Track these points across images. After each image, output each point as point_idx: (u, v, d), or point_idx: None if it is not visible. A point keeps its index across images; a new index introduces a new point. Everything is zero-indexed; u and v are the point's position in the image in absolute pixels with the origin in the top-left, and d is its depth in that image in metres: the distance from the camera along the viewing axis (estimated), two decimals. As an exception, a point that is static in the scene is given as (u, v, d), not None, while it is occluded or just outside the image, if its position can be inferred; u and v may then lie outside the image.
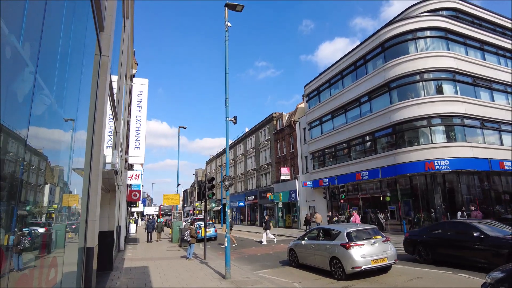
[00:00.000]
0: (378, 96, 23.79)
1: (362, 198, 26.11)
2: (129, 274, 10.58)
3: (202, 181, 14.51)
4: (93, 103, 5.84)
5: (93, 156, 5.61)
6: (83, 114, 5.69)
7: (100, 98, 5.98)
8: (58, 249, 4.89)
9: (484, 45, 24.11)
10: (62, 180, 4.45)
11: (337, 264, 9.11)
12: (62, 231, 4.25)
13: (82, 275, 4.97)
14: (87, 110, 5.81)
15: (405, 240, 12.02)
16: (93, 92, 5.90)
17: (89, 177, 5.48)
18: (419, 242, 11.17)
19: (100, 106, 5.95)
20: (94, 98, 5.86)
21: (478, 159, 20.39)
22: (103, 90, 6.09)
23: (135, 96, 18.80)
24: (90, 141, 5.66)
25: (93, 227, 5.42)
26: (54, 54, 3.20)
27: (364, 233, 9.47)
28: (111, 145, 11.01)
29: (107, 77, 6.24)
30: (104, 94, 6.09)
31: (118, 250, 17.17)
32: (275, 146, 39.73)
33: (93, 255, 5.33)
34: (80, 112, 5.33)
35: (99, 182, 5.79)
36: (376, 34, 24.15)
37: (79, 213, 5.32)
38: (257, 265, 12.47)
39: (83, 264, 5.04)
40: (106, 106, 6.27)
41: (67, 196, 5.14)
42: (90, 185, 5.45)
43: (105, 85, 6.15)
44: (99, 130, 5.82)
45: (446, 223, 11.49)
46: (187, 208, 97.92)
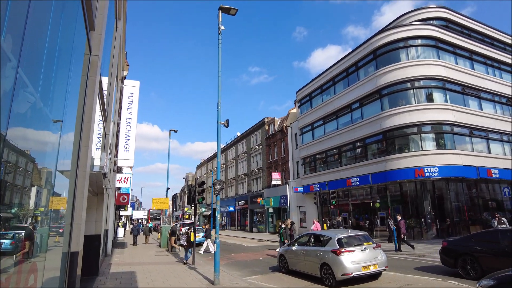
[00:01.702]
0: (369, 103, 23.97)
1: (352, 204, 26.18)
2: (116, 280, 10.33)
3: (192, 185, 14.34)
4: (82, 103, 5.69)
5: (80, 158, 5.45)
6: (71, 114, 5.54)
7: (89, 98, 5.83)
8: (42, 253, 4.71)
9: (473, 54, 24.56)
10: (49, 183, 4.30)
11: (327, 270, 9.03)
12: (47, 235, 4.09)
13: (65, 281, 4.80)
14: (75, 110, 5.66)
15: (442, 250, 10.33)
16: (81, 92, 5.76)
17: (76, 179, 5.32)
18: (464, 254, 9.50)
19: (89, 106, 5.81)
20: (83, 98, 5.72)
21: (466, 166, 20.64)
22: (92, 90, 5.95)
23: (125, 98, 18.55)
24: (77, 142, 5.51)
25: (78, 231, 5.24)
26: (39, 50, 3.08)
27: (355, 239, 9.43)
28: (100, 147, 10.80)
29: (96, 77, 6.11)
30: (93, 94, 5.95)
31: (105, 255, 16.82)
32: (266, 151, 39.68)
33: (77, 260, 5.15)
34: (67, 112, 5.18)
35: (86, 185, 5.63)
36: (368, 41, 24.41)
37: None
38: (246, 271, 12.32)
39: (67, 269, 4.86)
40: (95, 107, 6.13)
41: (53, 199, 4.98)
42: (76, 187, 5.29)
43: (95, 85, 6.02)
44: (87, 131, 5.68)
45: (500, 231, 9.42)
46: (176, 213, 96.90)
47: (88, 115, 5.78)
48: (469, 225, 21.04)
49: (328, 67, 29.25)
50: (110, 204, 16.82)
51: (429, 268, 11.11)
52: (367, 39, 24.70)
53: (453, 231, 20.47)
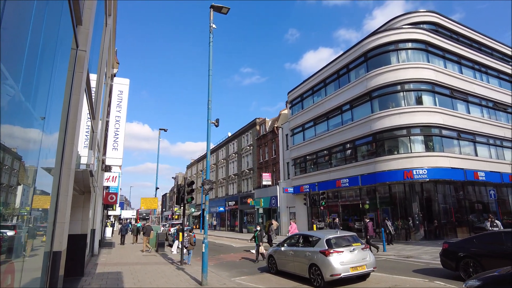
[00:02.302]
0: (360, 105, 24.14)
1: (342, 205, 26.31)
2: (101, 280, 10.14)
3: (181, 185, 14.21)
4: (67, 99, 5.56)
5: (65, 155, 5.32)
6: (56, 110, 5.40)
7: (75, 94, 5.70)
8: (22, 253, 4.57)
9: (461, 59, 24.94)
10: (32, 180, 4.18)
11: (316, 271, 9.01)
12: (26, 234, 3.97)
13: (47, 281, 4.66)
14: (61, 106, 5.52)
15: (443, 252, 9.94)
16: (67, 87, 5.62)
17: (60, 176, 5.18)
18: (466, 256, 9.15)
19: (75, 102, 5.67)
20: (69, 93, 5.58)
21: (454, 169, 20.93)
22: (78, 86, 5.81)
23: (115, 96, 18.29)
24: (62, 139, 5.37)
25: (61, 230, 5.11)
26: (20, 42, 2.97)
27: (344, 240, 9.43)
28: (88, 145, 10.61)
29: (83, 73, 5.97)
30: (80, 90, 5.82)
31: (91, 255, 16.54)
32: (257, 152, 39.65)
33: (60, 259, 5.01)
34: (52, 108, 5.05)
35: (71, 183, 5.49)
36: (359, 43, 24.58)
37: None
38: (235, 272, 12.24)
39: (48, 269, 4.72)
40: (82, 103, 5.99)
41: (35, 197, 4.84)
42: (60, 185, 5.15)
43: (81, 81, 5.88)
44: (73, 128, 5.54)
45: (504, 233, 9.15)
46: (166, 213, 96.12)
47: (74, 112, 5.65)
48: (456, 226, 21.33)
49: (320, 69, 29.37)
50: (97, 203, 16.55)
51: (417, 269, 11.19)
52: (359, 41, 24.88)
53: (440, 232, 20.75)
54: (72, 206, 10.75)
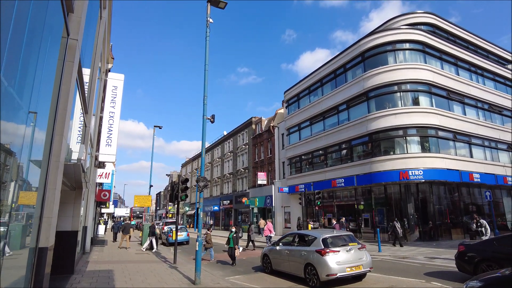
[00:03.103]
0: (356, 105, 24.05)
1: (337, 205, 26.21)
2: (92, 278, 9.88)
3: (176, 182, 13.98)
4: (57, 89, 5.33)
5: (54, 147, 5.09)
6: (44, 100, 5.17)
7: (65, 83, 5.47)
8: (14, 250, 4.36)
9: (458, 60, 24.97)
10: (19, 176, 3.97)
11: (311, 271, 8.85)
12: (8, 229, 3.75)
13: (31, 280, 4.43)
14: (50, 96, 5.30)
15: (459, 255, 9.32)
16: (57, 77, 5.40)
17: (47, 169, 4.95)
18: (485, 260, 8.60)
19: (65, 92, 5.45)
20: (58, 83, 5.35)
21: (450, 170, 20.92)
22: (69, 75, 5.58)
23: (109, 92, 18.00)
24: (50, 130, 5.14)
25: (48, 225, 4.88)
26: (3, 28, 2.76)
27: (340, 239, 9.29)
28: (80, 140, 10.35)
29: (74, 62, 5.74)
30: (70, 80, 5.59)
31: (83, 252, 16.25)
32: (253, 151, 39.46)
33: (46, 256, 4.78)
34: (41, 99, 4.83)
35: (59, 176, 5.26)
36: (356, 43, 24.49)
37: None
38: (228, 271, 12.05)
39: (33, 266, 4.50)
40: (72, 93, 5.76)
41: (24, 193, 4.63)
42: (47, 178, 4.92)
43: (72, 70, 5.65)
44: (62, 119, 5.31)
45: None
46: (160, 211, 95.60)
47: (64, 102, 5.42)
48: (451, 228, 21.32)
49: (317, 68, 29.25)
50: (90, 200, 16.25)
51: (413, 269, 11.09)
52: (356, 41, 24.80)
53: (435, 234, 20.71)
54: (63, 202, 10.50)
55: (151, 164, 25.92)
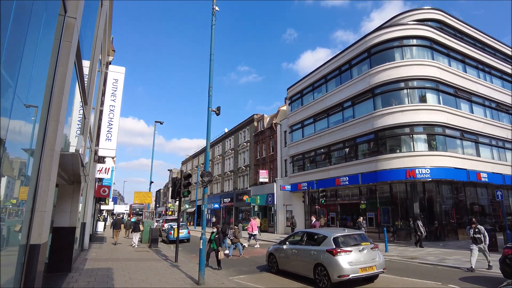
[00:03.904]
0: (362, 102, 23.56)
1: (340, 204, 25.76)
2: (90, 277, 9.42)
3: (178, 178, 13.53)
4: (52, 70, 4.86)
5: (48, 135, 4.62)
6: (39, 82, 4.70)
7: (61, 65, 4.99)
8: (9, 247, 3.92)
9: (466, 58, 24.46)
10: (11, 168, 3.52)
11: (322, 271, 8.39)
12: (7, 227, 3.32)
13: (21, 280, 3.97)
14: (45, 78, 4.82)
15: (504, 259, 8.40)
16: (53, 57, 4.92)
17: (40, 158, 4.48)
18: None
19: (61, 74, 4.97)
20: (54, 64, 4.88)
21: (457, 169, 20.45)
22: (66, 56, 5.10)
23: (109, 85, 17.51)
24: (45, 116, 4.67)
25: (41, 220, 4.41)
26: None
27: (352, 238, 8.82)
28: (79, 131, 9.88)
29: (72, 43, 5.26)
30: (67, 61, 5.11)
31: (81, 249, 15.80)
32: (254, 148, 38.98)
33: (39, 254, 4.31)
34: (33, 80, 4.36)
35: (54, 166, 4.79)
36: (362, 39, 23.99)
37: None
38: (232, 270, 11.59)
39: (23, 265, 4.03)
40: (69, 77, 5.28)
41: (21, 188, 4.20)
42: (41, 168, 4.45)
43: (69, 51, 5.17)
44: (57, 104, 4.84)
45: None
46: (159, 209, 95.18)
47: (60, 85, 4.94)
48: (457, 228, 20.87)
49: (321, 65, 28.74)
50: (88, 196, 15.80)
51: (425, 270, 10.64)
52: (362, 37, 24.30)
53: (441, 234, 20.25)
54: (60, 196, 10.03)
55: (151, 159, 25.48)
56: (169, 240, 22.61)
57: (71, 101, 7.60)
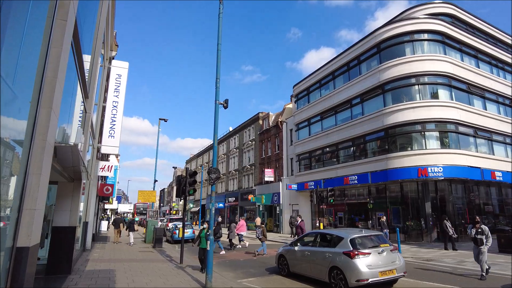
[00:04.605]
0: (371, 98, 22.89)
1: (348, 204, 25.12)
2: (90, 279, 8.91)
3: (183, 175, 13.00)
4: (44, 52, 4.33)
5: (38, 123, 4.09)
6: (28, 64, 4.17)
7: (55, 46, 4.46)
8: None
9: (478, 53, 23.71)
10: None
11: (338, 275, 7.81)
12: None
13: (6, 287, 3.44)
14: (36, 61, 4.30)
15: None
16: (45, 37, 4.39)
17: (30, 150, 3.95)
18: None
19: (55, 56, 4.43)
20: (46, 45, 4.35)
21: (471, 167, 19.74)
22: (60, 36, 4.57)
23: (112, 80, 17.02)
24: (35, 102, 4.14)
25: (30, 219, 3.88)
26: None
27: (369, 240, 8.23)
28: (80, 126, 9.38)
29: (67, 22, 4.72)
30: (62, 42, 4.57)
31: (83, 249, 15.34)
32: (259, 147, 38.42)
33: (27, 258, 3.78)
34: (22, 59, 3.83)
35: (46, 159, 4.26)
36: (371, 34, 23.31)
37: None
38: (240, 273, 11.03)
39: (8, 271, 3.50)
40: (65, 60, 4.74)
41: None
42: (30, 160, 3.92)
43: (64, 31, 4.63)
44: (50, 88, 4.30)
45: None
46: (163, 208, 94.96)
47: (53, 68, 4.40)
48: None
49: (328, 61, 28.10)
50: (91, 194, 15.33)
51: (444, 274, 10.02)
52: (371, 32, 23.62)
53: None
54: (60, 194, 9.52)
55: (155, 157, 25.01)
56: (173, 240, 22.13)
57: (70, 92, 7.08)
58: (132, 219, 22.57)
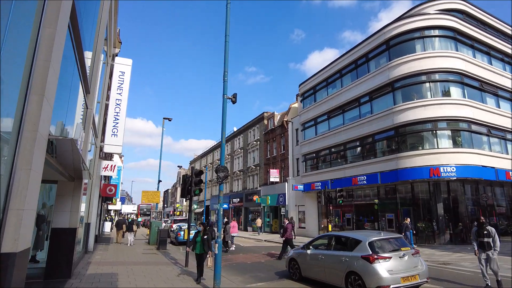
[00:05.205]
0: (380, 96, 22.29)
1: (356, 205, 24.49)
2: (91, 284, 8.43)
3: (188, 175, 12.50)
4: (36, 31, 3.85)
5: (28, 111, 3.60)
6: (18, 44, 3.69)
7: (48, 27, 3.96)
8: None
9: (491, 50, 23.05)
10: None
11: (356, 281, 7.26)
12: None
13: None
14: (26, 41, 3.82)
15: None
16: (37, 16, 3.91)
17: (17, 141, 3.47)
18: None
19: (48, 37, 3.93)
20: (38, 25, 3.87)
21: (485, 167, 19.10)
22: (54, 15, 4.05)
23: (116, 77, 16.59)
24: (24, 87, 3.66)
25: (18, 221, 3.38)
26: None
27: (389, 243, 7.67)
28: (81, 121, 8.91)
29: (62, 1, 4.24)
30: (56, 22, 4.07)
31: (85, 251, 14.88)
32: (264, 147, 37.88)
33: (14, 266, 3.28)
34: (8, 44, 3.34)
35: (37, 152, 3.75)
36: (380, 31, 22.73)
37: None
38: (248, 277, 10.50)
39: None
40: (60, 43, 4.25)
41: None
42: (17, 153, 3.43)
43: (59, 10, 4.13)
44: (42, 73, 3.81)
45: None
46: (167, 209, 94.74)
47: (46, 51, 3.90)
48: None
49: (335, 59, 27.53)
50: (93, 194, 14.88)
51: (464, 279, 9.42)
52: (380, 29, 23.03)
53: (466, 236, 18.90)
54: (59, 194, 9.02)
55: (160, 156, 24.58)
56: (177, 242, 21.63)
57: (69, 84, 6.60)
58: (132, 219, 22.50)
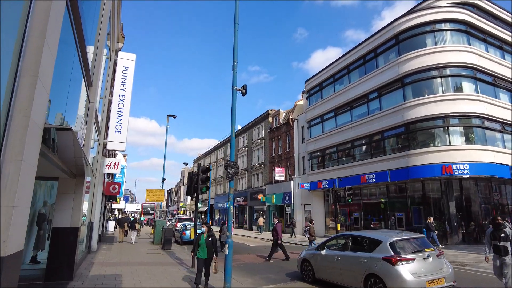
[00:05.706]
0: (390, 92, 21.72)
1: (365, 204, 23.96)
2: (94, 286, 7.99)
3: (194, 172, 12.05)
4: (27, 4, 3.39)
5: (18, 95, 3.14)
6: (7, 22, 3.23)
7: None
8: None
9: (504, 44, 22.39)
10: None
11: (376, 283, 6.77)
12: None
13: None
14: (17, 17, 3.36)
15: None
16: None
17: (5, 129, 3.01)
18: None
19: (42, 13, 3.48)
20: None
21: (499, 165, 18.50)
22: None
23: (119, 72, 16.18)
24: (14, 67, 3.20)
25: (6, 220, 2.92)
26: None
27: (412, 243, 7.18)
28: (83, 115, 8.48)
29: (58, -28, 3.78)
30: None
31: (88, 251, 14.49)
32: (269, 145, 37.39)
33: (3, 271, 2.84)
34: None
35: (30, 141, 3.29)
36: (389, 25, 22.15)
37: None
38: (258, 278, 10.02)
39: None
40: (56, 19, 3.79)
41: None
42: (5, 142, 2.98)
43: (54, -18, 3.68)
44: (36, 52, 3.35)
45: None
46: (171, 208, 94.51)
47: (40, 28, 3.43)
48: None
49: (342, 55, 26.98)
50: (96, 192, 14.47)
51: (486, 281, 8.91)
52: (388, 23, 22.45)
53: (478, 236, 18.33)
54: (60, 192, 8.56)
55: (164, 154, 24.20)
56: (182, 241, 21.22)
57: (68, 74, 6.15)
58: (135, 218, 22.61)
